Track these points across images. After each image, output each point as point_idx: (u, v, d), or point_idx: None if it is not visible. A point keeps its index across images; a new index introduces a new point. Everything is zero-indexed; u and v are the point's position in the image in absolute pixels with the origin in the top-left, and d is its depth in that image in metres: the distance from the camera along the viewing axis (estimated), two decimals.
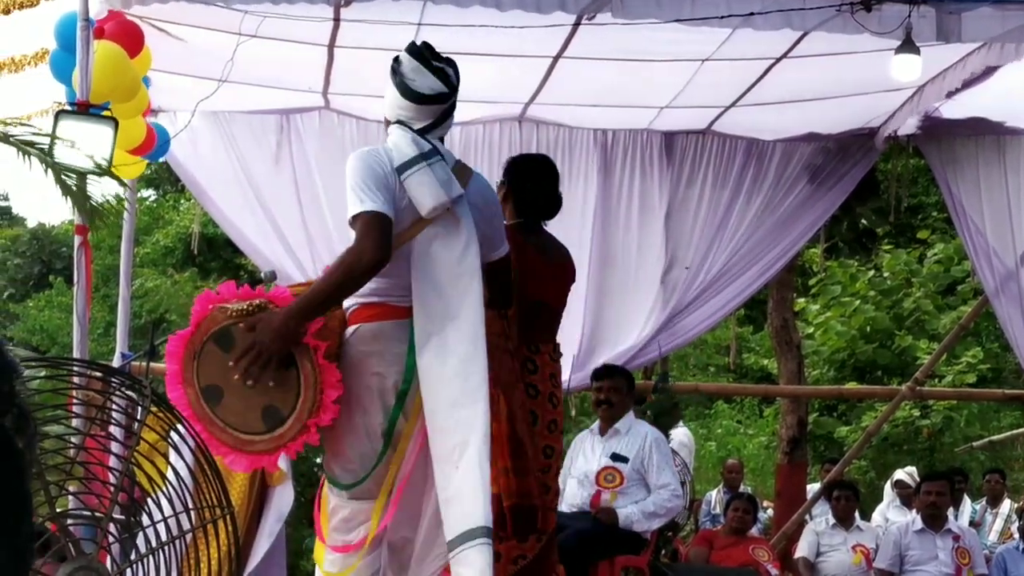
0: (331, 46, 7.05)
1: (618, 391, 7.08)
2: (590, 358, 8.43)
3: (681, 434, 10.13)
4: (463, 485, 4.01)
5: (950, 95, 7.58)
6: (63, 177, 5.38)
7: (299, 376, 3.99)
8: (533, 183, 5.29)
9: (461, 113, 8.08)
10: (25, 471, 1.31)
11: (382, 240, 4.02)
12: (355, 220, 4.04)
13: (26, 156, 5.40)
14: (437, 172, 4.19)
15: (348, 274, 4.04)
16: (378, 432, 4.14)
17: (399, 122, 4.29)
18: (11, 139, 5.10)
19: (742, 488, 12.01)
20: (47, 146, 5.50)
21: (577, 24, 6.66)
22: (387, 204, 4.07)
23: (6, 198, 36.86)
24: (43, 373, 4.15)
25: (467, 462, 4.03)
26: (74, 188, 5.57)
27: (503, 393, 4.66)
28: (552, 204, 5.37)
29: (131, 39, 6.31)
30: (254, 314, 3.98)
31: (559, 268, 5.34)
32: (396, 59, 4.35)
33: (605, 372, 7.27)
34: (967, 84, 7.25)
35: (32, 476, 1.35)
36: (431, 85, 4.33)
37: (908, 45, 6.22)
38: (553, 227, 8.58)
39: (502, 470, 4.80)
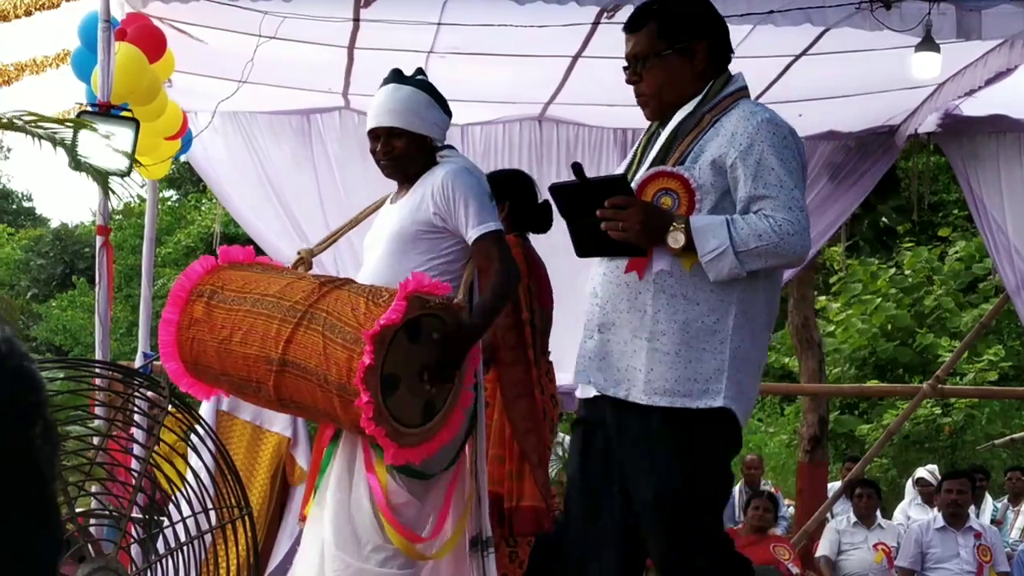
0: (351, 47, 7.06)
1: None
2: None
3: None
4: (477, 493, 4.24)
5: (972, 93, 7.56)
6: (87, 166, 5.35)
7: (457, 375, 4.03)
8: (535, 199, 5.32)
9: (481, 112, 8.18)
10: (48, 482, 1.32)
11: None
12: (492, 235, 4.05)
13: (54, 146, 5.39)
14: None
15: (513, 289, 4.15)
16: (455, 444, 4.15)
17: (448, 146, 4.33)
18: (28, 125, 5.08)
19: (763, 485, 11.99)
20: (70, 142, 5.50)
21: (596, 23, 6.66)
22: None
23: (29, 198, 37.15)
24: (62, 374, 4.17)
25: (480, 473, 4.24)
26: (100, 181, 5.56)
27: (506, 406, 4.93)
28: (550, 218, 5.27)
29: (153, 42, 6.31)
30: (447, 309, 3.94)
31: (548, 275, 5.37)
32: (428, 83, 4.28)
33: None
34: (989, 82, 7.23)
35: (53, 483, 1.35)
36: None
37: (928, 42, 6.20)
38: None
39: (508, 473, 4.97)
